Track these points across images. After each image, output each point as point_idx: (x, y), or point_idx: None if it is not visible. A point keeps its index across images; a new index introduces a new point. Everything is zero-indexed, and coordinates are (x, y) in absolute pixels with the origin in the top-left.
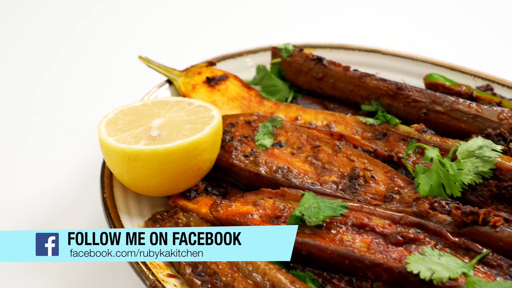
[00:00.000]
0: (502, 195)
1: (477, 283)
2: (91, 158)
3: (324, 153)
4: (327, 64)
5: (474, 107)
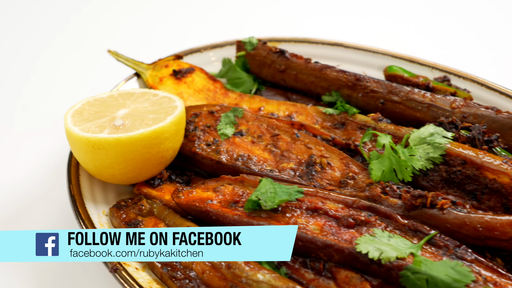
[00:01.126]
0: (452, 179)
1: (424, 262)
2: (62, 149)
3: (283, 141)
4: (289, 56)
5: (428, 97)
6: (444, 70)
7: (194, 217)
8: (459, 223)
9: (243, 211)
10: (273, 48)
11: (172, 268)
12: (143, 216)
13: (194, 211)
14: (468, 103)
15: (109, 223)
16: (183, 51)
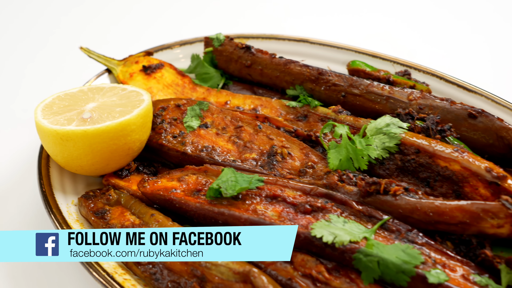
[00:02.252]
0: (406, 168)
1: (376, 245)
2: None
3: (246, 133)
4: (255, 52)
5: (387, 90)
6: (405, 64)
7: (159, 205)
8: (411, 209)
9: (205, 199)
10: (240, 44)
11: None
12: (110, 205)
13: (159, 200)
14: (425, 95)
15: (77, 212)
16: (154, 48)
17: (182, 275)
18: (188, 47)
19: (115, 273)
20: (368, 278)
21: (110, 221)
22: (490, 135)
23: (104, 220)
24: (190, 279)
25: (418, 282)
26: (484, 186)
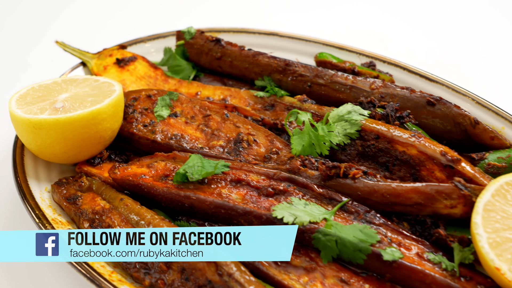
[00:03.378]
0: (367, 153)
1: (334, 225)
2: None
3: (214, 121)
4: (225, 44)
5: (350, 79)
6: (370, 56)
7: (129, 190)
8: (369, 191)
9: (172, 184)
10: (210, 37)
11: None
12: (82, 191)
13: (128, 185)
14: (386, 84)
15: (50, 198)
16: (127, 42)
17: None
18: (161, 40)
19: None
20: (326, 256)
21: (82, 206)
22: (448, 122)
23: (76, 205)
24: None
25: (374, 260)
26: (440, 169)
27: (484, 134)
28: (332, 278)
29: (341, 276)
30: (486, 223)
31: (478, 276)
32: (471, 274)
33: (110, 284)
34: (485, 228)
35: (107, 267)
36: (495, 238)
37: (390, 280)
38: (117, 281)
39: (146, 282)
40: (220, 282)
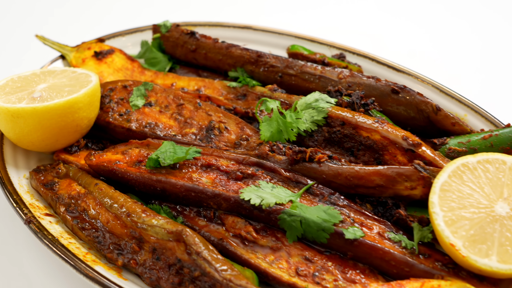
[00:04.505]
0: (333, 139)
1: (299, 207)
2: None
3: (187, 110)
4: (199, 37)
5: (319, 69)
6: (340, 48)
7: (104, 176)
8: (333, 174)
9: (145, 169)
10: (185, 30)
11: (82, 220)
12: (59, 178)
13: (103, 171)
14: (353, 73)
15: (28, 185)
16: (106, 35)
17: (122, 238)
18: (139, 34)
19: (60, 237)
20: (292, 236)
21: (58, 191)
22: (411, 109)
23: (53, 191)
24: (130, 241)
25: (336, 239)
26: (402, 153)
27: (445, 120)
28: (297, 257)
29: (306, 254)
30: (442, 202)
31: (437, 254)
32: (429, 252)
33: (84, 264)
34: (441, 207)
35: (82, 249)
36: (450, 216)
37: (352, 258)
38: (91, 262)
39: (119, 262)
40: (189, 261)
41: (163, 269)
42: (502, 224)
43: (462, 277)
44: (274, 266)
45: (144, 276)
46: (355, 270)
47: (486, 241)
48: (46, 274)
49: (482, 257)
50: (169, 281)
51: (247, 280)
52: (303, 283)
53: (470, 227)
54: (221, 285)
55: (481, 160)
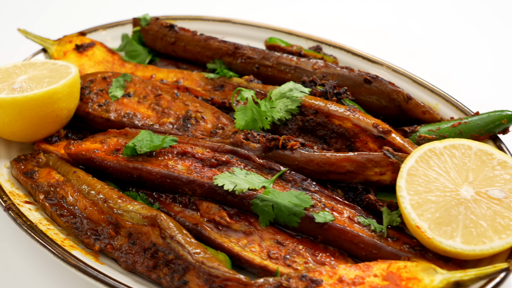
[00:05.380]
0: (306, 127)
1: (271, 192)
2: None
3: (164, 100)
4: (178, 30)
5: (294, 60)
6: (317, 40)
7: (83, 164)
8: (305, 161)
9: (123, 157)
10: (164, 23)
11: (60, 207)
12: (40, 167)
13: (82, 159)
14: (327, 64)
15: (9, 174)
16: (87, 29)
17: (99, 223)
18: (120, 28)
19: (39, 224)
20: (264, 221)
21: (38, 180)
22: (383, 98)
23: (33, 179)
24: (107, 226)
25: (307, 223)
26: (372, 140)
27: (416, 109)
28: (269, 241)
29: (277, 238)
30: (409, 186)
31: (405, 237)
32: (398, 235)
33: (62, 249)
34: (408, 190)
35: (60, 235)
36: (417, 200)
37: (322, 242)
38: (68, 247)
39: (96, 247)
40: (163, 244)
41: (139, 253)
42: (466, 207)
43: (429, 259)
44: (246, 250)
45: (120, 260)
46: (325, 253)
47: (451, 223)
48: (26, 260)
49: (447, 238)
50: (144, 265)
51: (220, 262)
52: (274, 265)
53: (435, 210)
54: (194, 267)
55: (447, 145)
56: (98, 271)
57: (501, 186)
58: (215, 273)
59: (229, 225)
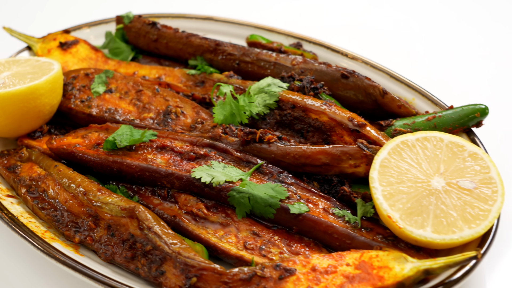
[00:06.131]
0: (284, 121)
1: (248, 184)
2: None
3: (145, 96)
4: (160, 27)
5: (273, 56)
6: (297, 37)
7: (64, 158)
8: (282, 154)
9: (103, 151)
10: (147, 21)
11: (41, 200)
12: (22, 161)
13: (63, 154)
14: (306, 60)
15: None
16: (72, 27)
17: (79, 216)
18: (104, 26)
19: (20, 216)
20: (241, 212)
21: (20, 174)
22: (360, 93)
23: (15, 174)
24: (87, 219)
25: (283, 214)
26: (348, 134)
27: (392, 103)
28: (245, 232)
29: (254, 229)
30: (381, 178)
31: (379, 227)
32: (372, 226)
33: (42, 241)
34: (380, 182)
35: (41, 227)
36: (389, 191)
37: (298, 232)
38: (49, 239)
39: (76, 239)
40: (141, 236)
41: (117, 245)
42: (437, 197)
43: (401, 248)
44: (223, 241)
45: (100, 252)
46: (300, 244)
47: (422, 213)
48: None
49: (418, 228)
50: (123, 256)
51: (196, 253)
52: (250, 255)
53: (407, 200)
54: (171, 258)
55: (419, 137)
56: (77, 262)
57: (472, 177)
58: (191, 263)
59: (206, 216)
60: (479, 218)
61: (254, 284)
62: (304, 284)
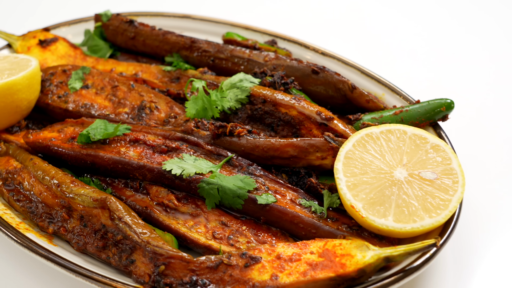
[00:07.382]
0: (255, 116)
1: (217, 176)
2: None
3: (121, 91)
4: (138, 25)
5: (247, 53)
6: (272, 34)
7: (40, 152)
8: (251, 146)
9: (77, 144)
10: (124, 19)
11: (17, 193)
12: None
13: (39, 147)
14: (278, 56)
15: None
16: (51, 25)
17: (53, 207)
18: (83, 24)
19: None
20: (210, 203)
21: None
22: (330, 88)
23: None
24: (60, 210)
25: (250, 204)
26: (316, 127)
27: (360, 98)
28: (214, 222)
29: (222, 220)
30: (346, 169)
31: (344, 217)
32: (337, 216)
33: (16, 231)
34: (345, 173)
35: (16, 219)
36: (353, 181)
37: (265, 223)
38: (23, 230)
39: (50, 230)
40: (112, 226)
41: (90, 235)
42: (399, 188)
43: (364, 237)
44: (192, 231)
45: (73, 242)
46: (267, 233)
47: (384, 203)
48: None
49: (380, 217)
50: (95, 245)
51: (165, 242)
52: (218, 245)
53: (370, 190)
54: (140, 247)
55: (383, 130)
56: (50, 252)
57: (433, 168)
58: (159, 252)
59: (177, 207)
60: (440, 207)
61: (220, 272)
62: (269, 272)
